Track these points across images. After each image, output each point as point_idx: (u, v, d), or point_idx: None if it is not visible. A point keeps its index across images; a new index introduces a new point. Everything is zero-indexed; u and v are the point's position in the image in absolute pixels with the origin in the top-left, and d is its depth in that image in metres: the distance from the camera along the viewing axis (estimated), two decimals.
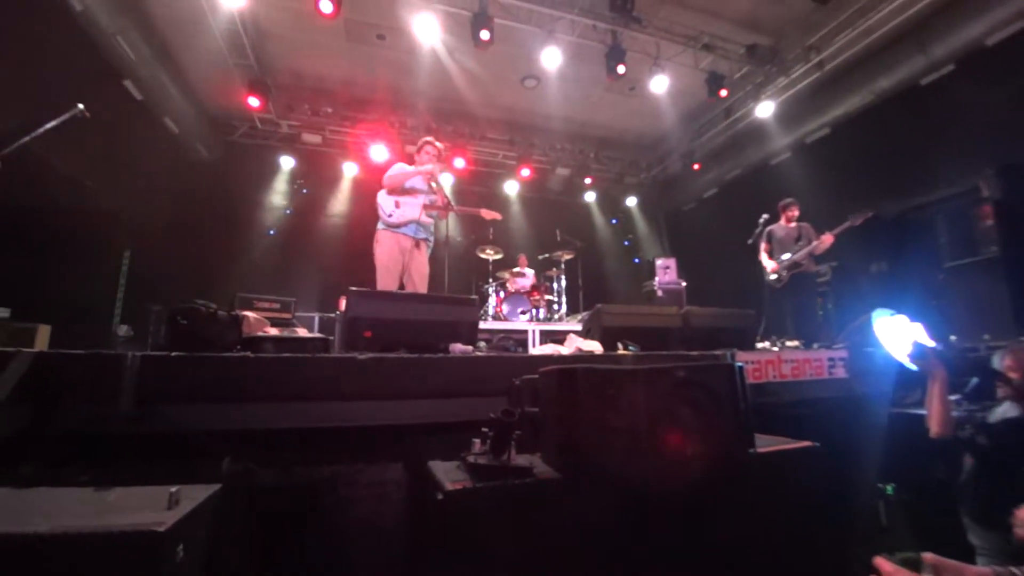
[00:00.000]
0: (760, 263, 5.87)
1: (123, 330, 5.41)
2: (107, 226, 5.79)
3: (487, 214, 4.64)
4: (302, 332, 3.20)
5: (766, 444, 1.71)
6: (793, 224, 5.71)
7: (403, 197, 4.31)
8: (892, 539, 2.16)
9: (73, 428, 1.57)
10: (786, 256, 5.60)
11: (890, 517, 2.24)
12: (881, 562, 1.18)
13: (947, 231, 5.70)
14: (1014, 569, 1.12)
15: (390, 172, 4.37)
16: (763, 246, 5.84)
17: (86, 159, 5.53)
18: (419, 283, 4.29)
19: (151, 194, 6.98)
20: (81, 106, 2.46)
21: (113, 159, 6.16)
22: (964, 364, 2.59)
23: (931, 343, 2.26)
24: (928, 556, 1.16)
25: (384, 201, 4.32)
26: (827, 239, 5.27)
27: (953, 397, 2.18)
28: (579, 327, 5.07)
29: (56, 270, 5.20)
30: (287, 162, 9.24)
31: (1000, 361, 2.17)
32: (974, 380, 2.57)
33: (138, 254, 6.56)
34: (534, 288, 7.41)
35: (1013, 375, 2.07)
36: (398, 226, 4.25)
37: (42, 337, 3.62)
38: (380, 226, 4.32)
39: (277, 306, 5.46)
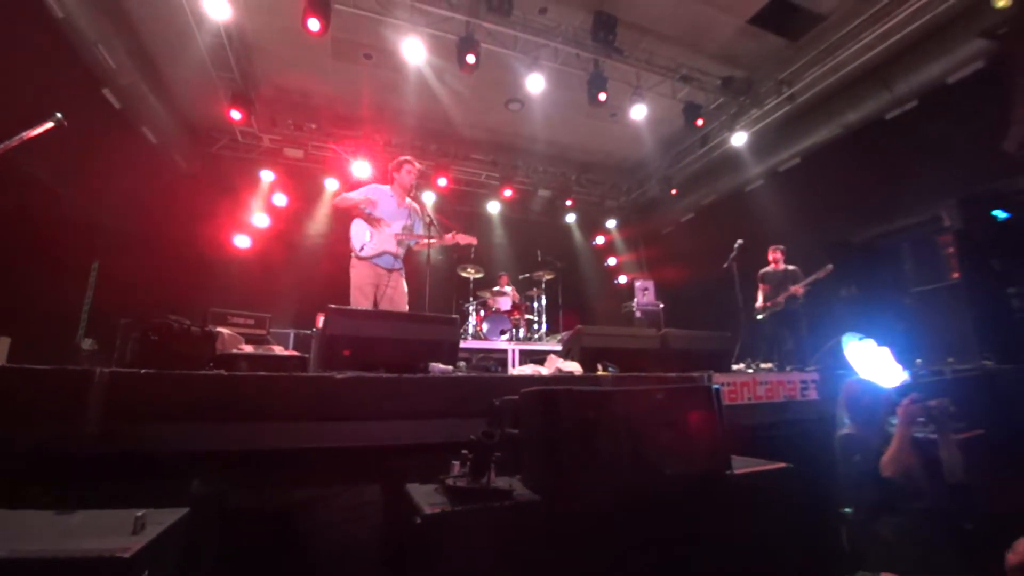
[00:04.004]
0: (735, 290, 6.17)
1: (87, 343, 5.21)
2: (76, 236, 5.61)
3: (463, 239, 4.40)
4: (278, 350, 3.13)
5: (742, 465, 1.74)
6: (781, 267, 6.33)
7: (377, 228, 4.15)
8: (867, 561, 2.20)
9: (35, 447, 1.50)
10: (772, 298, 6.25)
11: (857, 541, 2.28)
12: None
13: (912, 257, 5.95)
14: None
15: (354, 193, 4.22)
16: (761, 287, 6.48)
17: (58, 167, 5.38)
18: (399, 304, 4.19)
19: (125, 204, 6.80)
20: (60, 115, 2.41)
21: (87, 168, 6.00)
22: (933, 387, 2.66)
23: (897, 366, 2.34)
24: None
25: (357, 231, 4.17)
26: (797, 291, 5.94)
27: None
28: (559, 347, 5.09)
29: (19, 280, 5.00)
30: (267, 176, 9.13)
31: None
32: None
33: (108, 265, 6.37)
34: (514, 307, 7.42)
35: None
36: (370, 258, 4.12)
37: (1, 349, 3.49)
38: (353, 256, 4.16)
39: (251, 322, 5.32)
